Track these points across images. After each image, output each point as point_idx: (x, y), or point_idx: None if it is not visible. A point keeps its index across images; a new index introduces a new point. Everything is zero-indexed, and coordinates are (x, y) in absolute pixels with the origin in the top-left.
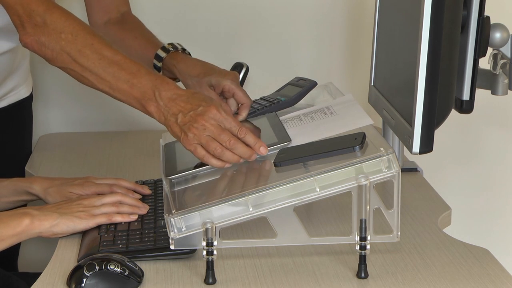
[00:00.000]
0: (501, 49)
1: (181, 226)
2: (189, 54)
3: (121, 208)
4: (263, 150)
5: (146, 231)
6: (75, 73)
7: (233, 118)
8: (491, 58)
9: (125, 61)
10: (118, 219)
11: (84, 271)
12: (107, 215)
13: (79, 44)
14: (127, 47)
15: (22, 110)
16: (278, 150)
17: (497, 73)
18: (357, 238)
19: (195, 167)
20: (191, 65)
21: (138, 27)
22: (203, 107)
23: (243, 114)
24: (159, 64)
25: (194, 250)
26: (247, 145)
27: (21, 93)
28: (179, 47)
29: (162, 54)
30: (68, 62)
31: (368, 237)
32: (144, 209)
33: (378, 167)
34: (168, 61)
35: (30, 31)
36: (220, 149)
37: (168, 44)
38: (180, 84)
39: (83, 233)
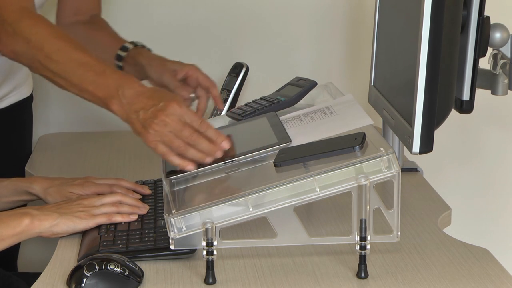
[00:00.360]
0: (501, 49)
1: (181, 226)
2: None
3: (121, 208)
4: (225, 145)
5: (146, 231)
6: (49, 78)
7: (194, 113)
8: (491, 58)
9: (93, 62)
10: (118, 219)
11: (84, 271)
12: (107, 215)
13: (46, 50)
14: (96, 44)
15: (23, 110)
16: (278, 150)
17: (497, 73)
18: (357, 238)
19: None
20: (154, 56)
21: (105, 28)
22: (164, 102)
23: (220, 102)
24: (123, 54)
25: (194, 250)
26: (211, 140)
27: (22, 93)
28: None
29: (129, 45)
30: (41, 69)
31: (368, 237)
32: (144, 209)
33: (378, 167)
34: (133, 51)
35: (4, 41)
36: (183, 147)
37: (130, 42)
38: (146, 83)
39: (83, 233)
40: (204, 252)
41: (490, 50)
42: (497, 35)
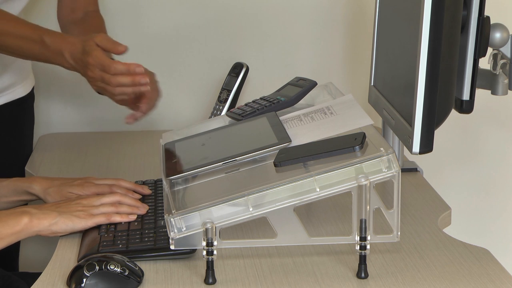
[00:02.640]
0: (501, 49)
1: (181, 226)
2: None
3: (120, 208)
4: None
5: (146, 231)
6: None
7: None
8: (491, 58)
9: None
10: (117, 219)
11: (84, 271)
12: (106, 215)
13: None
14: None
15: (22, 110)
16: (278, 150)
17: (497, 73)
18: (357, 238)
19: (195, 167)
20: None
21: (96, 27)
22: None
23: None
24: None
25: (194, 250)
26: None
27: (18, 92)
28: None
29: None
30: None
31: (368, 237)
32: (143, 209)
33: (378, 167)
34: None
35: None
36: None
37: None
38: None
39: (83, 233)
40: (204, 252)
41: (490, 50)
42: (497, 35)
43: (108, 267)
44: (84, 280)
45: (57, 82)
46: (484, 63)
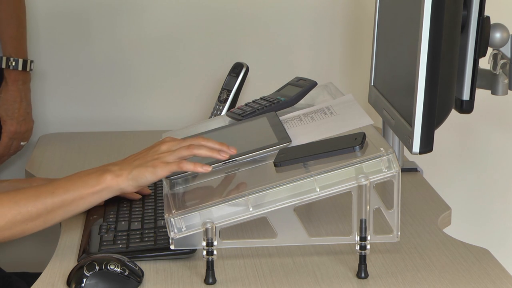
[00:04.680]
0: (501, 49)
1: (181, 226)
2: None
3: (196, 150)
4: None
5: (146, 231)
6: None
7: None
8: (491, 58)
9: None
10: (189, 167)
11: (84, 271)
12: (178, 162)
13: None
14: None
15: None
16: (278, 150)
17: (497, 73)
18: (357, 238)
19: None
20: None
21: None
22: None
23: None
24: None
25: (194, 250)
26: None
27: None
28: None
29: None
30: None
31: (368, 237)
32: (225, 154)
33: (378, 167)
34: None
35: None
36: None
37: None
38: None
39: (83, 233)
40: (204, 252)
41: (490, 50)
42: (497, 35)
43: (108, 267)
44: (84, 280)
45: (57, 82)
46: (484, 63)
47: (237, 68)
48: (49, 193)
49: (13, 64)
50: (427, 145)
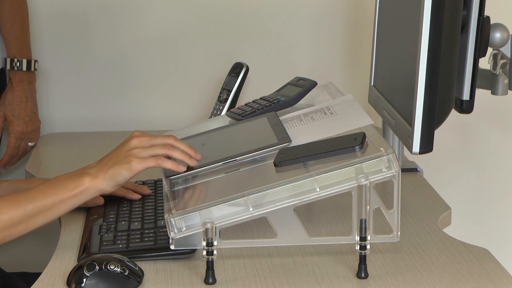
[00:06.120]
0: (501, 49)
1: (181, 226)
2: None
3: (172, 151)
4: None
5: (146, 231)
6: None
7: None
8: (491, 58)
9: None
10: (167, 165)
11: (84, 271)
12: (156, 158)
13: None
14: None
15: None
16: (278, 150)
17: (497, 73)
18: (357, 238)
19: (195, 167)
20: None
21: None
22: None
23: None
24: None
25: (194, 250)
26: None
27: None
28: None
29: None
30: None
31: (368, 237)
32: (194, 161)
33: (378, 167)
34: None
35: None
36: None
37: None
38: None
39: (83, 233)
40: (204, 252)
41: (490, 50)
42: (497, 35)
43: (108, 267)
44: (84, 280)
45: (57, 81)
46: (484, 63)
47: (237, 68)
48: (29, 199)
49: (18, 65)
50: (427, 145)
